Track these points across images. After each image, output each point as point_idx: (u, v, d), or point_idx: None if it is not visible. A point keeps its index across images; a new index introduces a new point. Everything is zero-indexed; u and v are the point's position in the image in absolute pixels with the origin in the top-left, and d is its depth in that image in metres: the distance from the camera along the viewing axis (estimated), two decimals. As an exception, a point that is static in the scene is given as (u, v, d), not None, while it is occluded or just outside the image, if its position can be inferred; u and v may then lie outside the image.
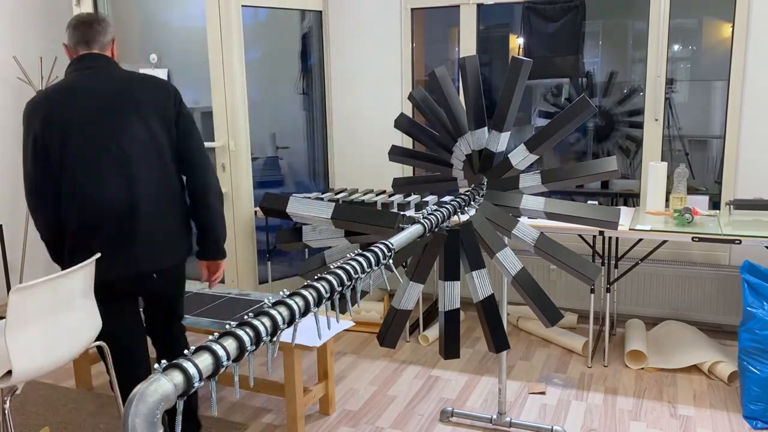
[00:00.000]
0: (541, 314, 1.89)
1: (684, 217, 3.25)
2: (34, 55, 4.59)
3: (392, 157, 2.36)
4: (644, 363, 3.45)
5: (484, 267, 1.87)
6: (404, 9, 4.33)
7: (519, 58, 1.91)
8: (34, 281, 2.17)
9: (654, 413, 3.00)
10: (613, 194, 5.05)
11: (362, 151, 4.58)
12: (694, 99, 5.32)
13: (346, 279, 1.22)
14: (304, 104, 4.70)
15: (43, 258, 4.77)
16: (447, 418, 3.00)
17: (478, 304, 1.89)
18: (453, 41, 5.38)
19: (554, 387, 3.28)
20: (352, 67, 4.51)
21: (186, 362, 0.86)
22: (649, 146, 3.93)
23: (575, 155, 5.59)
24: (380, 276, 1.48)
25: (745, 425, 2.88)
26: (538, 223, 3.35)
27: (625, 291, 4.05)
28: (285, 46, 4.64)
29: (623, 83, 5.42)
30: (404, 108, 4.40)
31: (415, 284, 1.80)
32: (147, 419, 0.80)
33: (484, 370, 3.51)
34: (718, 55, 5.18)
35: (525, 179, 2.00)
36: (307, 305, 1.09)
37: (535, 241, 1.93)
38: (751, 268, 3.12)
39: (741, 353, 2.97)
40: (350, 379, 3.42)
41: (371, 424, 2.96)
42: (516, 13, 5.23)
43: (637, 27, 5.43)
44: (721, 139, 4.03)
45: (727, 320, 3.84)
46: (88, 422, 3.00)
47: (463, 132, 2.14)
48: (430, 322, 4.14)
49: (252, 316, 1.01)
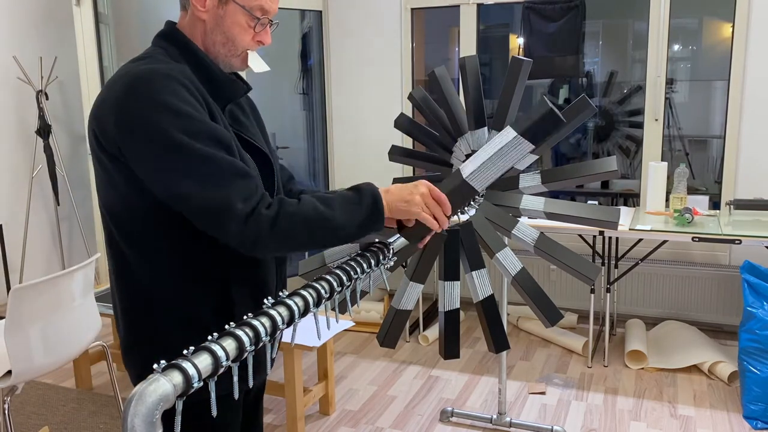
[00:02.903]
0: (541, 314, 1.89)
1: (684, 217, 3.24)
2: (34, 55, 4.59)
3: (392, 157, 2.36)
4: (644, 363, 3.45)
5: (484, 267, 1.87)
6: (404, 9, 4.33)
7: (519, 58, 1.91)
8: (34, 281, 2.17)
9: (654, 413, 3.00)
10: (613, 194, 5.05)
11: (362, 151, 4.58)
12: (694, 99, 5.32)
13: (346, 279, 1.22)
14: (304, 104, 4.70)
15: (43, 258, 4.77)
16: (447, 418, 3.00)
17: (478, 304, 1.89)
18: (453, 41, 5.37)
19: (554, 387, 3.28)
20: (352, 67, 4.51)
21: (185, 362, 0.86)
22: (649, 146, 3.93)
23: (575, 155, 5.59)
24: (380, 276, 1.48)
25: (745, 425, 2.88)
26: (538, 223, 3.35)
27: (625, 291, 4.05)
28: (285, 46, 4.64)
29: (623, 83, 5.42)
30: (404, 108, 4.40)
31: (414, 284, 1.80)
32: (146, 419, 0.80)
33: (484, 370, 3.51)
34: (718, 55, 5.18)
35: (525, 179, 2.00)
36: (306, 305, 1.09)
37: (535, 241, 1.92)
38: (751, 268, 3.12)
39: (741, 353, 2.97)
40: (350, 379, 3.42)
41: (371, 424, 2.96)
42: (516, 13, 5.23)
43: (637, 27, 5.42)
44: (721, 139, 4.03)
45: (727, 320, 3.84)
46: (88, 422, 3.00)
47: (463, 132, 2.13)
48: (430, 322, 4.14)
49: (251, 316, 1.01)
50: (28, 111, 4.59)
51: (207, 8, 1.31)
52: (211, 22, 1.32)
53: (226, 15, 1.31)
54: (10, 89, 4.47)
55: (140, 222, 1.28)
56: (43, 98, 4.41)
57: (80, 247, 5.03)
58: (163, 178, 1.19)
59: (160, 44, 1.34)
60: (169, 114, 1.18)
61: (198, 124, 1.20)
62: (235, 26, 1.32)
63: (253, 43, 1.37)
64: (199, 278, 1.32)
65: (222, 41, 1.33)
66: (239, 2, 1.31)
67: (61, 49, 4.75)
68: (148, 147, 1.18)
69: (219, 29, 1.32)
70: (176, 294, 1.31)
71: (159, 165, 1.18)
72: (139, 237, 1.29)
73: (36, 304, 2.20)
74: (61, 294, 2.29)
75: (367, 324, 4.08)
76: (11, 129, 4.52)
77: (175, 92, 1.20)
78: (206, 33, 1.33)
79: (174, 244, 1.29)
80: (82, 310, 2.44)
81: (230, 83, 1.37)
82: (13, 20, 4.48)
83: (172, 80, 1.21)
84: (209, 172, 1.18)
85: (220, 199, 1.17)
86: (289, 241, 1.23)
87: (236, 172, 1.20)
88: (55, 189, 4.59)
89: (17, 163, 4.56)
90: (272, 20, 1.39)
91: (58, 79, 4.71)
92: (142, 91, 1.19)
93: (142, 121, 1.17)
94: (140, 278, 1.31)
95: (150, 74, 1.21)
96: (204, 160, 1.18)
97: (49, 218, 4.79)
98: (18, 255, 4.55)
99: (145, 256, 1.29)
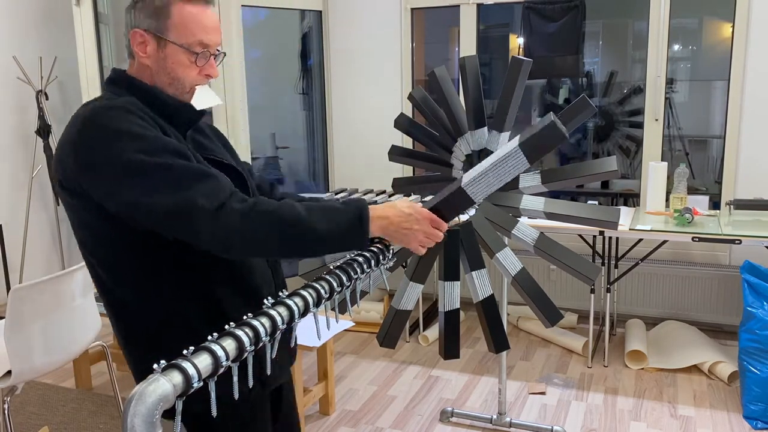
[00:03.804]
0: (541, 314, 1.89)
1: (684, 217, 3.24)
2: (34, 55, 4.59)
3: (392, 157, 2.36)
4: (644, 363, 3.45)
5: (484, 267, 1.87)
6: (404, 9, 4.32)
7: (519, 58, 1.91)
8: (34, 281, 2.17)
9: (654, 413, 3.00)
10: (613, 194, 5.05)
11: (362, 151, 4.58)
12: (694, 99, 5.32)
13: (346, 279, 1.22)
14: (304, 104, 4.70)
15: (43, 258, 4.77)
16: (447, 418, 2.99)
17: (478, 304, 1.89)
18: (453, 41, 5.37)
19: (554, 387, 3.28)
20: (352, 67, 4.51)
21: (185, 362, 0.86)
22: (649, 146, 3.93)
23: (576, 156, 5.59)
24: (380, 276, 1.48)
25: (745, 425, 2.88)
26: (538, 223, 3.35)
27: (625, 291, 4.05)
28: (285, 46, 4.64)
29: (623, 83, 5.42)
30: (404, 108, 4.40)
31: (414, 284, 1.80)
32: (146, 419, 0.80)
33: (484, 370, 3.51)
34: (718, 55, 5.18)
35: (525, 179, 2.00)
36: (306, 305, 1.09)
37: (535, 241, 1.92)
38: (751, 268, 3.12)
39: (741, 353, 2.97)
40: (350, 379, 3.42)
41: (371, 424, 2.96)
42: (516, 13, 5.23)
43: (637, 27, 5.42)
44: (721, 139, 4.03)
45: (727, 320, 3.83)
46: (88, 422, 3.00)
47: (463, 132, 2.13)
48: (430, 322, 4.14)
49: (251, 316, 1.01)
50: (28, 111, 4.59)
51: (148, 54, 1.35)
52: (155, 66, 1.36)
53: (167, 57, 1.35)
54: (10, 89, 4.47)
55: (117, 254, 1.32)
56: (43, 98, 4.41)
57: (80, 247, 5.03)
58: (128, 199, 1.21)
59: (109, 89, 1.38)
60: (123, 140, 1.22)
61: (152, 141, 1.23)
62: (177, 66, 1.35)
63: (200, 78, 1.39)
64: (186, 297, 1.34)
65: (168, 82, 1.36)
66: (177, 42, 1.33)
67: (61, 49, 4.75)
68: (109, 173, 1.22)
69: (164, 71, 1.36)
70: (165, 312, 1.34)
71: (122, 188, 1.22)
72: (118, 267, 1.33)
73: (36, 304, 2.20)
74: (61, 294, 2.29)
75: (367, 324, 4.08)
76: (11, 129, 4.52)
77: (123, 119, 1.24)
78: (153, 76, 1.37)
79: (154, 270, 1.32)
80: (82, 310, 2.44)
81: (181, 107, 1.38)
82: (13, 20, 4.48)
83: (119, 109, 1.26)
84: (169, 179, 1.21)
85: (183, 200, 1.19)
86: (261, 242, 1.22)
87: (194, 175, 1.22)
88: (55, 189, 4.59)
89: (17, 163, 4.56)
90: (218, 52, 1.41)
91: (58, 79, 4.71)
92: (93, 126, 1.24)
93: (99, 154, 1.22)
94: (128, 303, 1.35)
95: (98, 109, 1.26)
96: (163, 170, 1.21)
97: (49, 218, 4.79)
98: (18, 255, 4.55)
99: (128, 283, 1.33)
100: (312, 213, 1.25)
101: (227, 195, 1.22)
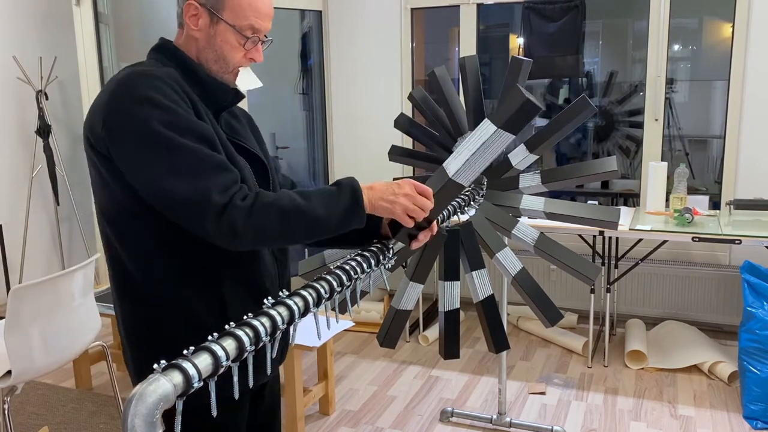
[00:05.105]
0: (541, 314, 1.89)
1: (684, 217, 3.24)
2: (34, 55, 4.59)
3: (392, 157, 2.36)
4: (644, 363, 3.45)
5: (484, 267, 1.87)
6: (404, 9, 4.32)
7: (519, 57, 1.91)
8: (33, 281, 2.17)
9: (654, 413, 3.00)
10: (613, 194, 5.05)
11: (362, 151, 4.58)
12: (694, 99, 5.32)
13: (346, 279, 1.22)
14: (304, 104, 4.70)
15: (43, 258, 4.77)
16: (447, 418, 2.99)
17: (478, 304, 1.89)
18: (453, 41, 5.37)
19: (554, 387, 3.28)
20: (352, 67, 4.51)
21: (185, 362, 0.86)
22: (649, 146, 3.93)
23: (575, 155, 5.59)
24: (380, 276, 1.48)
25: (745, 425, 2.88)
26: (538, 223, 3.35)
27: (625, 291, 4.05)
28: (285, 46, 4.64)
29: (623, 83, 5.42)
30: (404, 108, 4.40)
31: (414, 284, 1.80)
32: (146, 419, 0.79)
33: (484, 370, 3.51)
34: (718, 55, 5.18)
35: (525, 179, 2.00)
36: (306, 305, 1.09)
37: (535, 241, 1.92)
38: (751, 268, 3.12)
39: (741, 353, 2.97)
40: (350, 379, 3.42)
41: (371, 424, 2.96)
42: (516, 13, 5.23)
43: (637, 27, 5.43)
44: (721, 139, 4.03)
45: (727, 320, 3.83)
46: (87, 422, 3.00)
47: (463, 132, 2.13)
48: (430, 322, 4.14)
49: (251, 316, 1.01)
50: (28, 111, 4.59)
51: (199, 27, 1.35)
52: (203, 41, 1.36)
53: (217, 34, 1.35)
54: (10, 89, 4.47)
55: (132, 223, 1.30)
56: (43, 98, 4.41)
57: (80, 247, 5.03)
58: (146, 173, 1.20)
59: (152, 56, 1.39)
60: (149, 107, 1.20)
61: (179, 119, 1.22)
62: (225, 45, 1.35)
63: (244, 61, 1.39)
64: (193, 280, 1.33)
65: (214, 58, 1.36)
66: (229, 22, 1.33)
67: (61, 49, 4.75)
68: (131, 141, 1.20)
69: (211, 47, 1.36)
70: (170, 294, 1.32)
71: (141, 158, 1.20)
72: (132, 237, 1.31)
73: (36, 304, 2.20)
74: (61, 294, 2.29)
75: (367, 324, 4.08)
76: (11, 129, 4.52)
77: (157, 88, 1.23)
78: (199, 50, 1.37)
79: (166, 245, 1.30)
80: (82, 310, 2.44)
81: (219, 87, 1.38)
82: (13, 20, 4.48)
83: (155, 78, 1.25)
84: (189, 164, 1.19)
85: (201, 190, 1.18)
86: (266, 233, 1.22)
87: (216, 165, 1.22)
88: (55, 189, 4.59)
89: (17, 163, 4.56)
90: (265, 38, 1.40)
91: (58, 79, 4.71)
92: (125, 90, 1.23)
93: (125, 117, 1.21)
94: (135, 278, 1.32)
95: (133, 75, 1.25)
96: (184, 153, 1.20)
97: (49, 218, 4.79)
98: (18, 255, 4.55)
99: (138, 255, 1.31)
100: (310, 199, 1.25)
101: (236, 190, 1.22)
